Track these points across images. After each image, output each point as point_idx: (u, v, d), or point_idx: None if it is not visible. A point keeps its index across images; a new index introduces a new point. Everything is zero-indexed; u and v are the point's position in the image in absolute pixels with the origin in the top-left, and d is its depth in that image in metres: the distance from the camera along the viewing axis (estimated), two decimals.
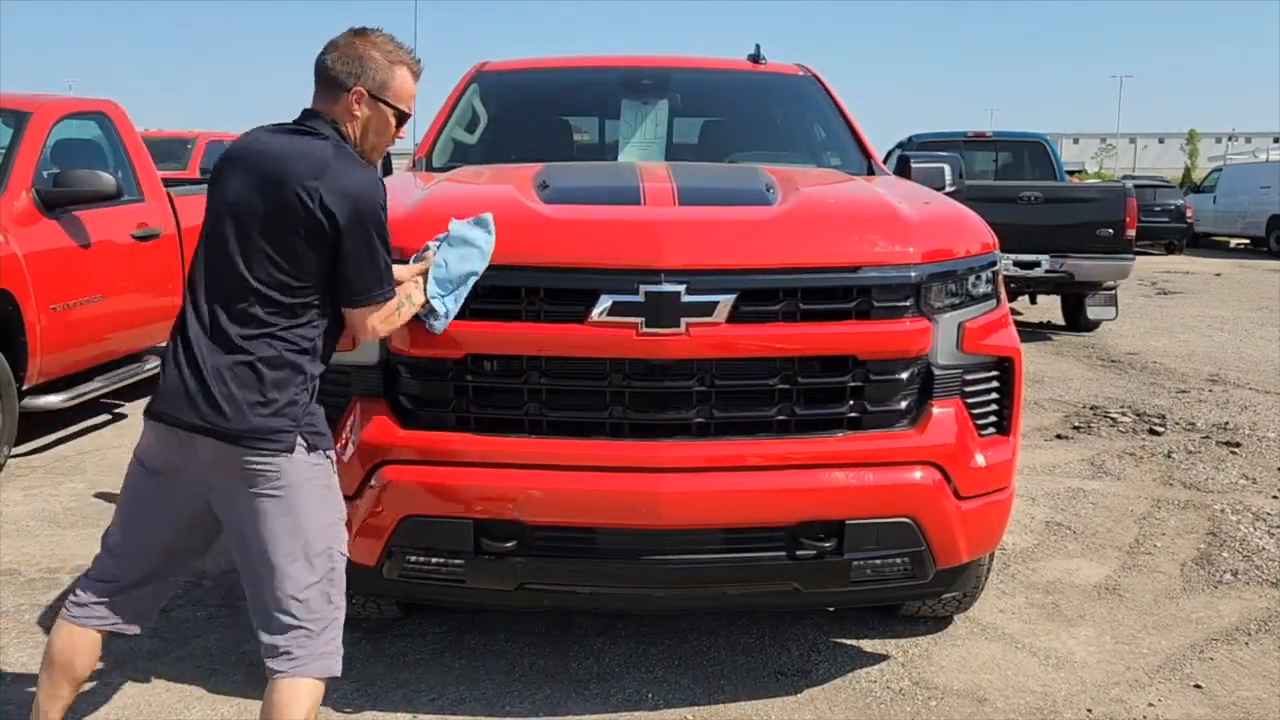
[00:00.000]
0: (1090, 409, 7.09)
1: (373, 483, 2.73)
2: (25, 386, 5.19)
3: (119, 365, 6.11)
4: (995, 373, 2.97)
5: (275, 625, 2.30)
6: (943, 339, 2.83)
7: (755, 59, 4.97)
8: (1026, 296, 11.32)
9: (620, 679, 3.23)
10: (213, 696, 3.10)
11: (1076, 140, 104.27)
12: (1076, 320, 10.70)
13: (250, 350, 2.24)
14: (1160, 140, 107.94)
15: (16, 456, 5.48)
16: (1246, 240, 24.05)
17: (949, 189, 4.12)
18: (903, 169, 4.31)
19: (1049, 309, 11.70)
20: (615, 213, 2.90)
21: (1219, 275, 17.31)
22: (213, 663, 3.32)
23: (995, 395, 2.97)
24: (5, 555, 4.18)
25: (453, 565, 2.78)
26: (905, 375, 2.79)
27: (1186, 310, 12.66)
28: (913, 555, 2.81)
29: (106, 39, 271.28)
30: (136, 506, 2.43)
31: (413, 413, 2.78)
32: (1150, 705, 3.14)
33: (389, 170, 4.26)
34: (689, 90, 4.98)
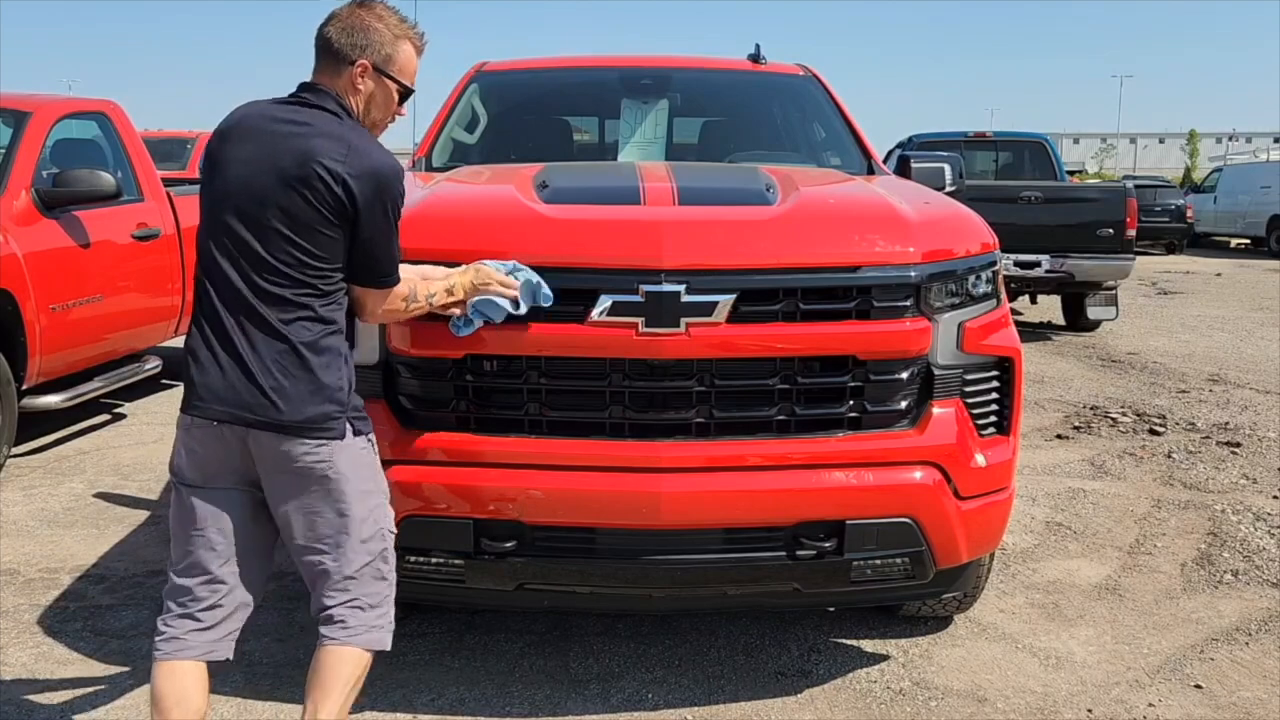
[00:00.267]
0: (1090, 409, 7.09)
1: None
2: (25, 386, 5.18)
3: (119, 365, 6.11)
4: (995, 373, 2.96)
5: (329, 601, 2.32)
6: (943, 339, 2.83)
7: (755, 59, 4.97)
8: (1026, 296, 11.32)
9: (620, 679, 3.23)
10: (213, 696, 3.07)
11: (1077, 140, 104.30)
12: (1076, 320, 10.70)
13: (290, 336, 2.18)
14: (1160, 140, 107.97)
15: (16, 456, 5.48)
16: (1247, 240, 24.05)
17: (949, 189, 4.11)
18: (903, 169, 4.31)
19: (1049, 309, 11.71)
20: (615, 212, 2.89)
21: (1219, 275, 17.31)
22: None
23: (995, 395, 2.97)
24: (5, 555, 4.18)
25: (452, 565, 2.78)
26: (905, 375, 2.79)
27: (1187, 310, 12.66)
28: (913, 555, 2.81)
29: (106, 39, 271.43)
30: (193, 522, 2.31)
31: (412, 413, 2.77)
32: (1150, 705, 3.14)
33: None
34: (689, 90, 4.98)
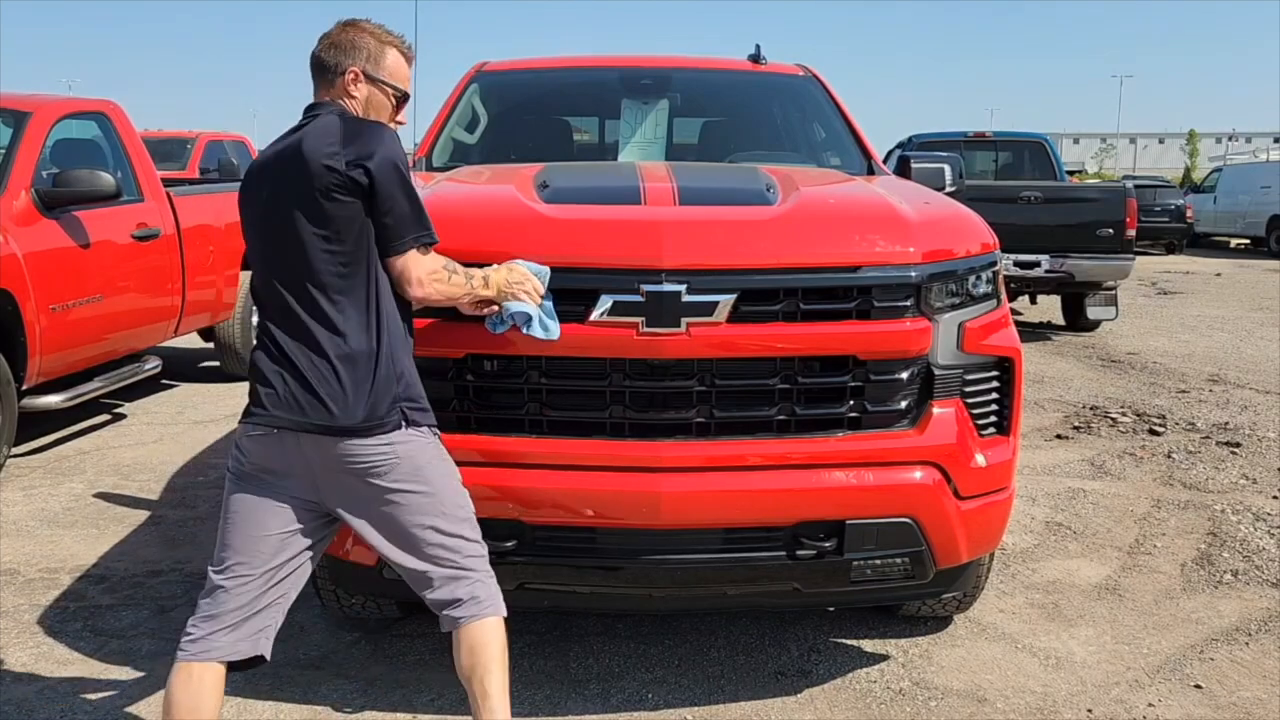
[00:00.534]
0: (1090, 409, 7.09)
1: None
2: (25, 386, 5.18)
3: (119, 365, 6.12)
4: (995, 373, 2.96)
5: (438, 584, 2.36)
6: (943, 339, 2.82)
7: (755, 59, 4.97)
8: (1026, 296, 11.33)
9: (620, 679, 3.23)
10: None
11: (1076, 140, 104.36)
12: (1076, 320, 10.70)
13: (336, 343, 2.25)
14: (1160, 140, 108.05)
15: (16, 456, 5.48)
16: (1246, 240, 24.06)
17: (949, 189, 4.11)
18: (903, 169, 4.31)
19: (1049, 309, 11.71)
20: (616, 212, 2.89)
21: (1219, 275, 17.31)
22: None
23: (995, 395, 2.97)
24: (5, 555, 4.18)
25: None
26: (905, 375, 2.78)
27: (1186, 310, 12.66)
28: (913, 555, 2.81)
29: (106, 39, 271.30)
30: (242, 521, 2.35)
31: None
32: (1150, 705, 3.14)
33: None
34: (689, 90, 4.98)
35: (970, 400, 2.89)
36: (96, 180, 5.42)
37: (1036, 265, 9.84)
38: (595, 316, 2.60)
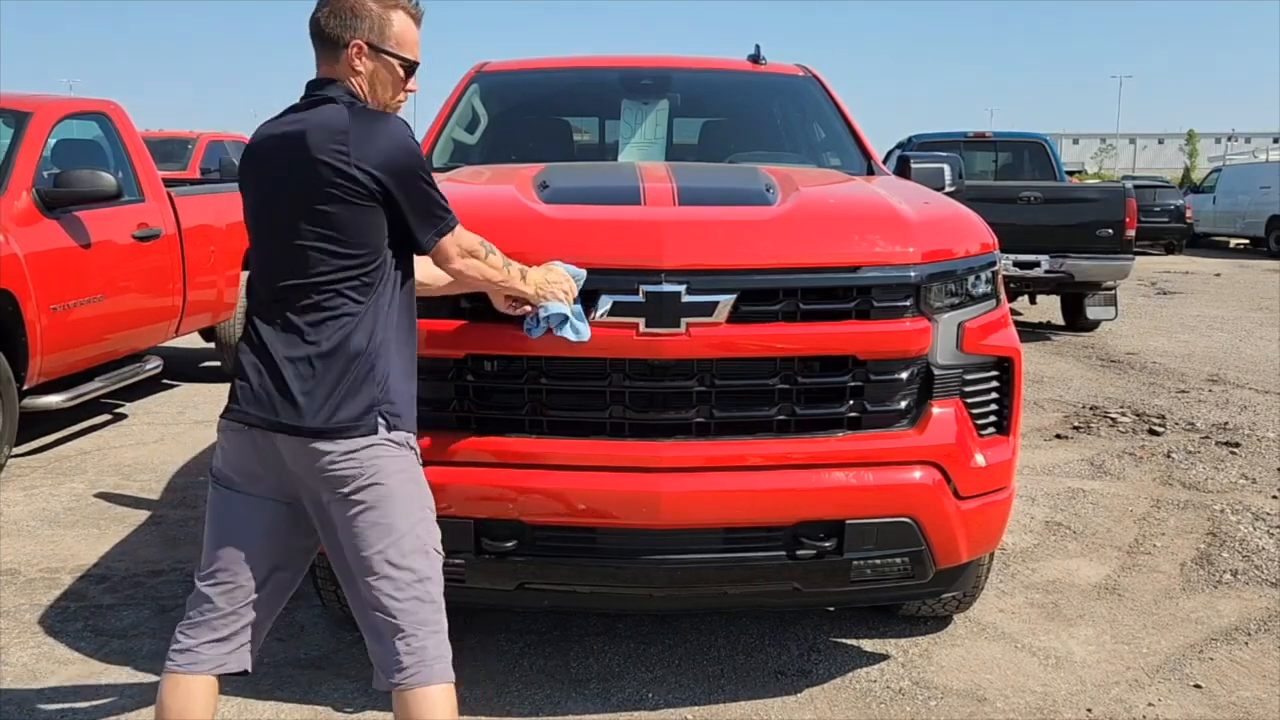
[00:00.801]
0: (1090, 409, 7.09)
1: None
2: (26, 387, 5.18)
3: (119, 365, 6.11)
4: (995, 373, 2.97)
5: (380, 633, 2.19)
6: (942, 339, 2.83)
7: (755, 59, 4.97)
8: (1026, 296, 11.33)
9: (620, 679, 3.24)
10: None
11: (1076, 140, 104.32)
12: (1076, 320, 10.70)
13: (317, 339, 2.13)
14: (1160, 140, 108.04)
15: (16, 456, 5.48)
16: (1246, 240, 24.06)
17: (949, 189, 4.12)
18: (903, 169, 4.31)
19: (1049, 309, 11.71)
20: (615, 213, 2.90)
21: (1218, 275, 17.31)
22: None
23: (995, 395, 2.97)
24: (5, 555, 4.19)
25: (453, 565, 2.76)
26: (905, 375, 2.79)
27: (1186, 310, 12.67)
28: (912, 555, 2.81)
29: (106, 39, 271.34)
30: (225, 526, 2.25)
31: None
32: (1150, 705, 3.15)
33: None
34: (689, 90, 4.98)
35: (970, 400, 2.90)
36: (97, 180, 5.42)
37: (1036, 265, 9.84)
38: (595, 317, 2.60)
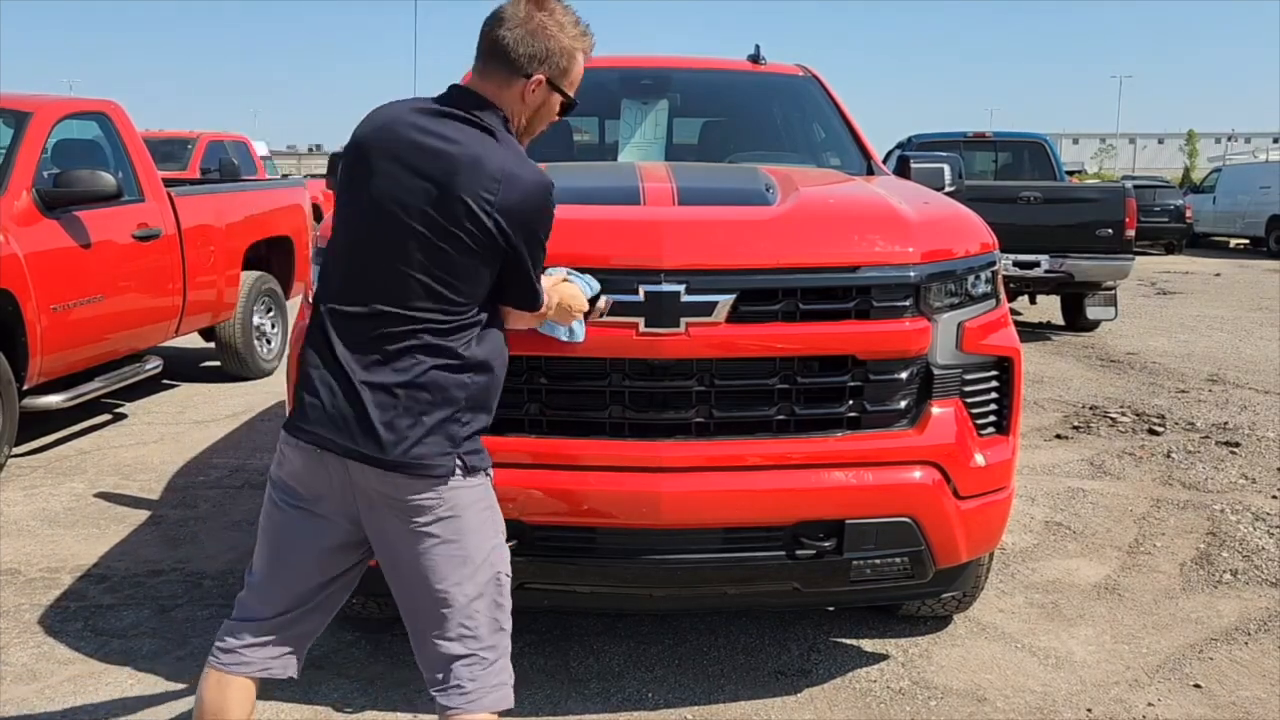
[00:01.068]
0: (1090, 409, 7.09)
1: None
2: (26, 386, 5.19)
3: (119, 365, 6.12)
4: (995, 372, 2.97)
5: (442, 658, 2.11)
6: (942, 339, 2.83)
7: (755, 59, 4.97)
8: (1026, 296, 11.33)
9: (620, 679, 3.24)
10: None
11: (1076, 140, 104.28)
12: (1076, 320, 10.70)
13: (405, 369, 1.98)
14: (1160, 140, 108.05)
15: (17, 456, 5.49)
16: (1246, 240, 24.05)
17: (949, 189, 4.12)
18: (903, 169, 4.31)
19: (1049, 309, 11.71)
20: (615, 213, 2.90)
21: (1218, 275, 17.31)
22: None
23: (995, 395, 2.97)
24: (5, 555, 4.19)
25: None
26: (904, 375, 2.79)
27: (1186, 310, 12.66)
28: (912, 555, 2.81)
29: (106, 39, 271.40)
30: (280, 536, 2.17)
31: None
32: (1150, 705, 3.15)
33: None
34: (689, 90, 4.98)
35: (969, 400, 2.90)
36: (97, 180, 5.42)
37: (1036, 265, 9.84)
38: (595, 316, 2.61)
